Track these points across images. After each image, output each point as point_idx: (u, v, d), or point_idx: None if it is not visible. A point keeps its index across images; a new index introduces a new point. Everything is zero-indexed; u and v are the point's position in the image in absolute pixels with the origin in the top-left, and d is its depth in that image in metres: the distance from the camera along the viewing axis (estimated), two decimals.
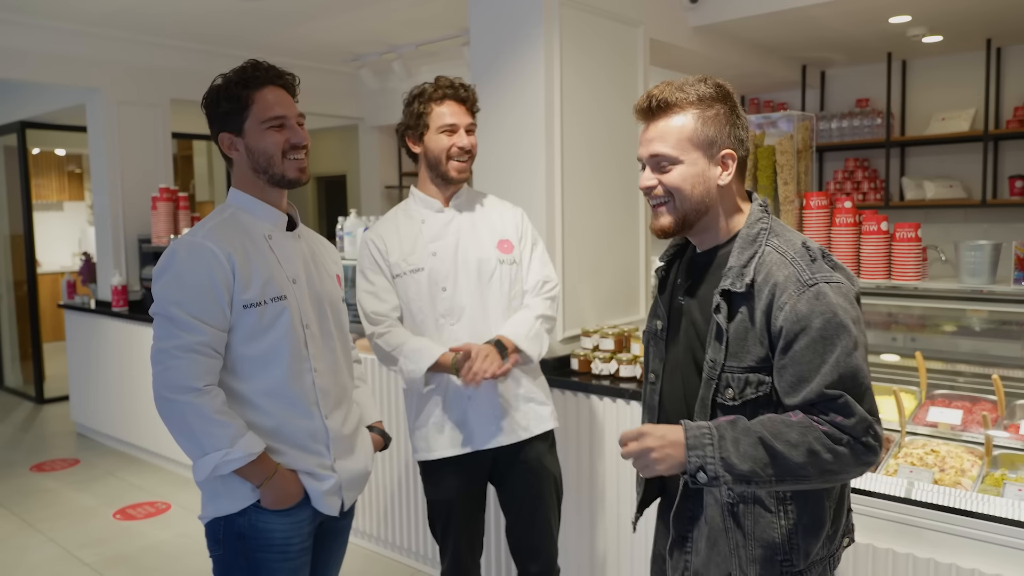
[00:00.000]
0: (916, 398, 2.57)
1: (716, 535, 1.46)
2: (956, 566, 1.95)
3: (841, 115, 5.26)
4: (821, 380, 1.31)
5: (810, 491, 1.41)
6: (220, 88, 1.74)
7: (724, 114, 1.43)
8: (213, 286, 1.66)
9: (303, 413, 1.76)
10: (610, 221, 3.17)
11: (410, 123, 2.22)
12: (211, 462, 1.63)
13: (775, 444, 1.30)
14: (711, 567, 1.46)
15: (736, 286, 1.39)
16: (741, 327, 1.39)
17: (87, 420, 5.49)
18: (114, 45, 5.01)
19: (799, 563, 1.42)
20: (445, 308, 2.21)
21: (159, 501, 4.29)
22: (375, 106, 6.75)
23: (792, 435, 1.30)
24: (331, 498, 1.80)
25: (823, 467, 1.30)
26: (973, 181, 4.96)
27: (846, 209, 2.67)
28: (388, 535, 3.45)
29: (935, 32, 4.46)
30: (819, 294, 1.33)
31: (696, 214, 1.45)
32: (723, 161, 1.43)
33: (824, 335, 1.31)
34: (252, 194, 1.79)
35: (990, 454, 2.20)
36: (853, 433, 1.30)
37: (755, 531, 1.42)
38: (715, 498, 1.45)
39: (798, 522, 1.41)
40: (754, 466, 1.30)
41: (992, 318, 2.79)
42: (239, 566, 1.74)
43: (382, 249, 2.24)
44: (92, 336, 5.32)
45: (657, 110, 1.43)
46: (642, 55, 3.31)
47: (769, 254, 1.40)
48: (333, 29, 4.91)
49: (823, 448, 1.29)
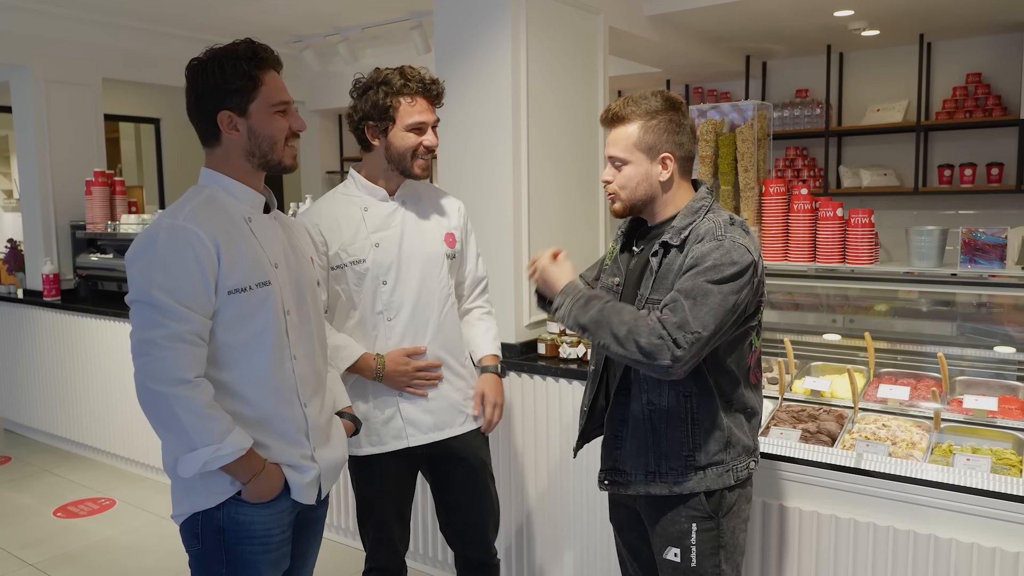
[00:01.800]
0: (865, 376, 2.70)
1: (638, 433, 1.84)
2: (914, 532, 2.07)
3: (782, 105, 5.43)
4: (678, 287, 1.68)
5: (709, 407, 1.79)
6: (225, 63, 1.64)
7: (665, 123, 1.78)
8: (200, 270, 1.59)
9: (286, 402, 1.72)
10: (572, 207, 3.20)
11: (372, 115, 2.08)
12: (201, 458, 1.56)
13: (610, 316, 1.70)
14: (633, 458, 1.85)
15: (673, 240, 1.77)
16: (666, 268, 1.77)
17: (16, 416, 5.23)
18: (43, 20, 4.75)
19: (701, 460, 1.80)
20: (384, 303, 2.13)
21: (102, 497, 4.14)
22: (317, 89, 6.61)
23: (626, 316, 1.69)
24: (311, 489, 1.77)
25: (640, 347, 1.64)
26: (905, 170, 5.20)
27: (803, 196, 2.77)
28: (352, 525, 3.43)
29: (874, 26, 4.65)
30: (720, 245, 1.70)
31: (641, 203, 1.83)
32: (663, 161, 1.79)
33: (707, 270, 1.67)
34: (232, 175, 1.72)
35: (939, 427, 2.33)
36: (668, 330, 1.63)
37: (667, 431, 1.81)
38: (638, 405, 1.83)
39: (699, 427, 1.80)
40: (589, 323, 1.72)
41: (937, 299, 2.95)
42: (219, 560, 1.69)
43: (318, 240, 2.10)
44: (21, 328, 5.06)
45: (613, 120, 1.81)
46: (602, 43, 3.34)
47: (703, 221, 1.78)
48: (275, 9, 4.76)
49: (641, 333, 1.64)
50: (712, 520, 1.82)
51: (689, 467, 1.80)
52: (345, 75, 6.37)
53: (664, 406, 1.80)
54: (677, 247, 1.76)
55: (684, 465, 1.80)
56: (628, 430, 1.86)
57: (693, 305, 1.64)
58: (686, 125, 1.81)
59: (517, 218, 2.88)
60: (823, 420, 2.47)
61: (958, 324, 2.98)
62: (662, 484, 1.82)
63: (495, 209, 2.89)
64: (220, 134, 1.69)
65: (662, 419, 1.81)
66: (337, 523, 3.48)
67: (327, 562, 3.31)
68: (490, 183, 2.87)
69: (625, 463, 1.87)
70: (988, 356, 2.75)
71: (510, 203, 2.84)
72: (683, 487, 1.80)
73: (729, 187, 2.84)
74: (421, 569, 3.18)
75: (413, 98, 2.08)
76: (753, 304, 1.79)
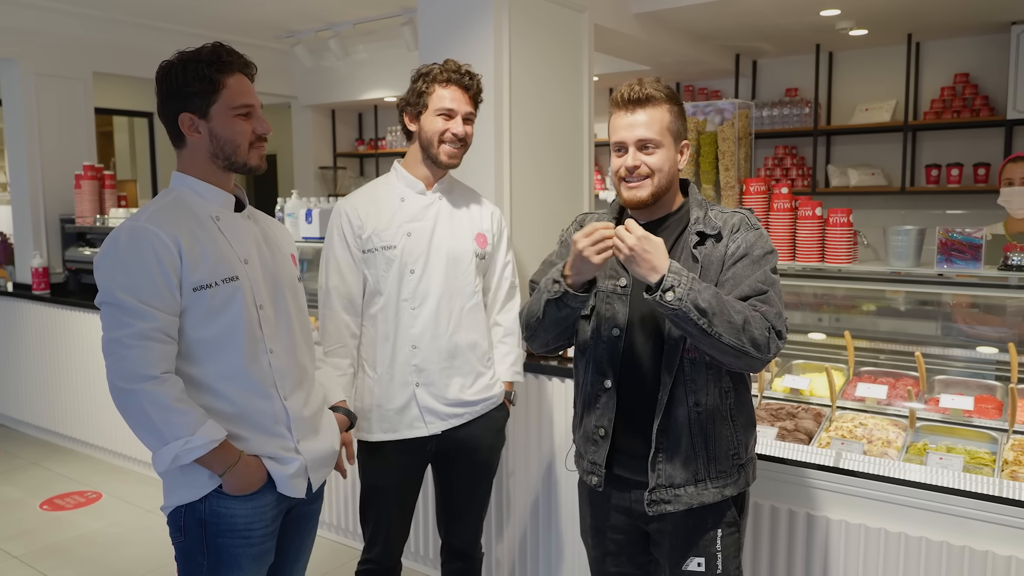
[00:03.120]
0: (844, 375, 2.72)
1: (683, 442, 1.75)
2: (885, 530, 2.09)
3: (771, 104, 5.44)
4: (754, 279, 1.69)
5: (743, 397, 1.79)
6: (188, 66, 1.67)
7: (681, 112, 1.78)
8: (161, 269, 1.62)
9: (261, 395, 1.74)
10: (555, 203, 3.22)
11: (410, 100, 2.20)
12: (172, 451, 1.59)
13: (727, 302, 1.61)
14: (680, 469, 1.75)
15: (709, 229, 1.75)
16: (707, 259, 1.73)
17: (5, 408, 5.23)
18: (33, 14, 4.74)
19: (743, 456, 1.79)
20: (409, 291, 2.19)
21: (89, 491, 4.15)
22: (309, 84, 6.61)
23: (737, 305, 1.63)
24: (296, 480, 1.78)
25: (753, 338, 1.61)
26: (893, 169, 5.22)
27: (783, 195, 2.78)
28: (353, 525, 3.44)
29: (862, 26, 4.66)
30: (761, 235, 1.75)
31: (664, 190, 1.76)
32: (682, 150, 1.78)
33: (759, 260, 1.71)
34: (199, 177, 1.75)
35: (914, 426, 2.35)
36: (772, 321, 1.64)
37: (715, 432, 1.75)
38: (685, 409, 1.74)
39: (740, 422, 1.78)
40: (708, 308, 1.58)
41: (915, 299, 2.96)
42: (200, 552, 1.71)
43: (355, 223, 2.19)
44: (10, 321, 5.06)
45: (641, 101, 1.72)
46: (587, 41, 3.35)
47: (717, 214, 1.78)
48: (267, 3, 4.77)
49: (755, 324, 1.62)
50: (735, 524, 1.79)
51: (735, 467, 1.76)
52: (336, 70, 6.44)
53: (711, 406, 1.74)
54: (714, 237, 1.73)
55: (731, 465, 1.76)
56: (670, 440, 1.74)
57: (774, 294, 1.67)
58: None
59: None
60: (801, 418, 2.49)
61: (938, 324, 3.00)
62: (713, 490, 1.74)
63: None
64: (184, 136, 1.72)
65: (710, 420, 1.74)
66: (336, 522, 3.49)
67: (324, 560, 3.33)
68: (472, 180, 2.88)
69: (674, 476, 1.74)
70: (968, 356, 2.77)
71: (491, 198, 2.85)
72: (734, 488, 1.77)
73: (710, 185, 2.86)
74: (416, 568, 3.19)
75: (446, 85, 2.17)
76: None
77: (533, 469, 2.84)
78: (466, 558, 2.41)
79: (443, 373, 2.21)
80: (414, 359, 2.19)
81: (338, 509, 3.44)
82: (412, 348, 2.19)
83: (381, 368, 2.21)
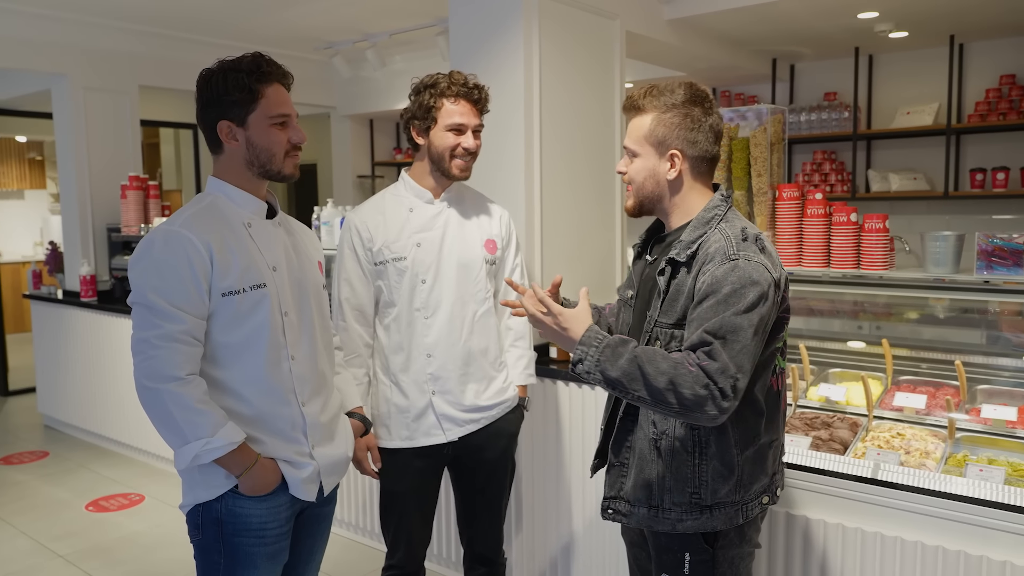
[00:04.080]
0: (883, 384, 2.66)
1: (643, 463, 1.70)
2: (922, 543, 2.04)
3: (810, 108, 5.36)
4: (705, 326, 1.52)
5: (722, 441, 1.63)
6: (228, 75, 1.71)
7: (679, 118, 1.65)
8: (192, 274, 1.66)
9: (280, 400, 1.77)
10: (587, 210, 3.22)
11: (417, 114, 2.19)
12: (192, 451, 1.63)
13: (645, 366, 1.50)
14: (636, 489, 1.71)
15: (680, 256, 1.63)
16: (676, 290, 1.64)
17: (55, 412, 5.41)
18: (82, 30, 4.91)
19: (707, 499, 1.65)
20: (421, 301, 2.20)
21: (132, 493, 4.26)
22: (348, 95, 6.71)
23: (662, 364, 1.50)
24: (309, 485, 1.82)
25: (681, 400, 1.48)
26: (936, 174, 5.10)
27: (817, 200, 2.74)
28: (367, 523, 3.48)
29: (901, 28, 4.57)
30: (736, 267, 1.55)
31: (649, 201, 1.71)
32: (671, 159, 1.66)
33: (727, 299, 1.53)
34: (234, 183, 1.79)
35: (953, 436, 2.29)
36: (714, 378, 1.48)
37: (673, 465, 1.66)
38: (644, 432, 1.70)
39: (708, 464, 1.64)
40: (621, 376, 1.52)
41: (955, 306, 2.89)
42: (217, 551, 1.75)
43: (364, 236, 2.21)
44: (60, 327, 5.23)
45: (630, 109, 1.71)
46: (619, 48, 3.35)
47: (714, 234, 1.63)
48: (306, 16, 4.86)
49: (683, 383, 1.48)
50: (706, 554, 1.69)
51: (694, 506, 1.66)
52: (374, 80, 6.52)
53: (672, 435, 1.66)
54: (684, 264, 1.63)
55: (688, 503, 1.66)
56: (634, 457, 1.73)
57: (725, 345, 1.49)
58: (706, 123, 1.66)
59: (529, 222, 2.90)
60: (836, 428, 2.45)
61: (980, 332, 2.92)
62: (664, 521, 1.68)
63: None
64: (222, 143, 1.76)
65: (669, 449, 1.66)
66: (357, 522, 3.53)
67: (345, 561, 3.37)
68: (501, 188, 2.90)
69: (628, 494, 1.73)
70: (1011, 365, 2.69)
71: (522, 206, 2.86)
72: (685, 525, 1.66)
73: (743, 191, 2.83)
74: (438, 570, 3.21)
75: (456, 100, 2.16)
76: (774, 320, 1.62)
77: (551, 473, 2.83)
78: (490, 564, 2.41)
79: (459, 380, 2.22)
80: (429, 367, 2.21)
81: (365, 511, 3.47)
82: (427, 356, 2.21)
83: (397, 377, 2.23)
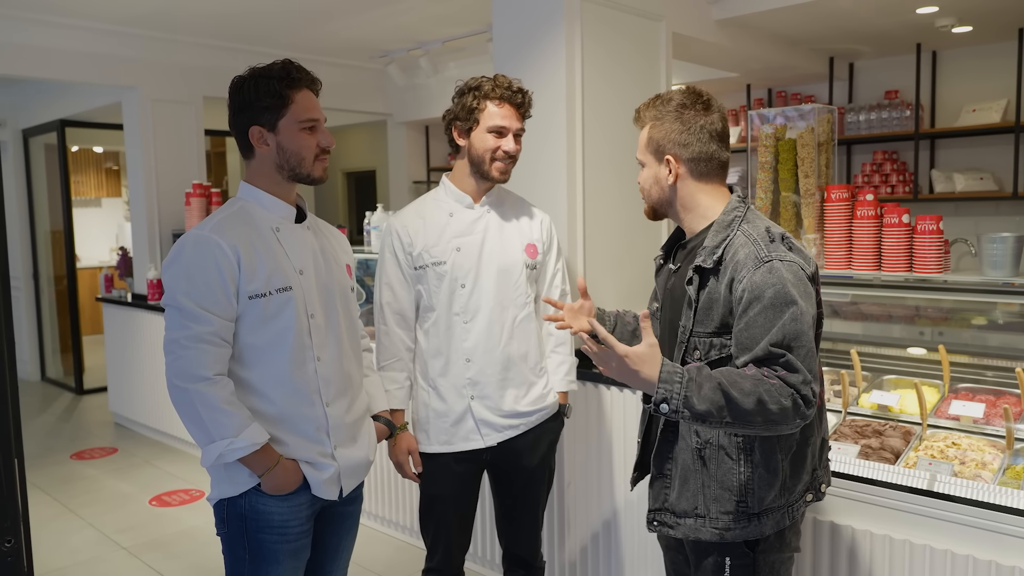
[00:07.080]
0: (939, 391, 2.57)
1: (687, 474, 1.69)
2: (973, 557, 1.96)
3: (869, 107, 5.20)
4: (769, 339, 1.50)
5: (766, 445, 1.62)
6: (259, 81, 1.76)
7: (670, 123, 1.68)
8: (220, 277, 1.71)
9: (305, 401, 1.81)
10: (631, 215, 3.19)
11: (460, 115, 2.19)
12: (217, 449, 1.69)
13: (731, 391, 1.47)
14: (682, 501, 1.70)
15: (707, 263, 1.62)
16: (708, 298, 1.62)
17: (124, 410, 5.65)
18: (149, 44, 5.14)
19: (754, 507, 1.64)
20: (461, 306, 2.20)
21: (193, 489, 4.42)
22: (403, 102, 6.82)
23: (746, 385, 1.47)
24: (330, 485, 1.86)
25: (768, 416, 1.47)
26: (1004, 173, 4.88)
27: (867, 202, 2.66)
28: (409, 521, 3.53)
29: (964, 22, 4.40)
30: (772, 269, 1.54)
31: (659, 206, 1.77)
32: (667, 163, 1.70)
33: (774, 303, 1.51)
34: (264, 188, 1.84)
35: (1011, 447, 2.19)
36: (798, 389, 1.48)
37: (718, 474, 1.65)
38: (687, 443, 1.68)
39: (754, 472, 1.63)
40: (710, 407, 1.47)
41: (1015, 311, 2.77)
42: (241, 545, 1.82)
43: (405, 241, 2.22)
44: (128, 329, 5.47)
45: (635, 122, 1.79)
46: (664, 49, 3.32)
47: (738, 237, 1.62)
48: (360, 26, 4.98)
49: (770, 399, 1.47)
50: (747, 559, 1.68)
51: (741, 514, 1.64)
52: (428, 87, 6.62)
53: (716, 443, 1.65)
54: (712, 271, 1.62)
55: (736, 511, 1.64)
56: (676, 468, 1.71)
57: (795, 353, 1.49)
58: (697, 124, 1.66)
59: (572, 226, 2.89)
60: (888, 436, 2.37)
61: None
62: (712, 529, 1.66)
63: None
64: (253, 148, 1.82)
65: (713, 456, 1.65)
66: (402, 521, 3.58)
67: (390, 560, 3.42)
68: (542, 191, 2.90)
69: (674, 505, 1.72)
70: None
71: (564, 210, 2.86)
72: (733, 534, 1.65)
73: (790, 193, 2.77)
74: (478, 570, 3.24)
75: (499, 102, 2.17)
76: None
77: (592, 478, 2.82)
78: (528, 567, 2.42)
79: (498, 385, 2.22)
80: (468, 372, 2.21)
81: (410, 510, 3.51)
82: (466, 361, 2.21)
83: (436, 381, 2.24)
